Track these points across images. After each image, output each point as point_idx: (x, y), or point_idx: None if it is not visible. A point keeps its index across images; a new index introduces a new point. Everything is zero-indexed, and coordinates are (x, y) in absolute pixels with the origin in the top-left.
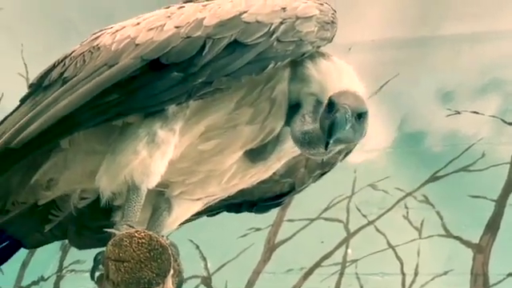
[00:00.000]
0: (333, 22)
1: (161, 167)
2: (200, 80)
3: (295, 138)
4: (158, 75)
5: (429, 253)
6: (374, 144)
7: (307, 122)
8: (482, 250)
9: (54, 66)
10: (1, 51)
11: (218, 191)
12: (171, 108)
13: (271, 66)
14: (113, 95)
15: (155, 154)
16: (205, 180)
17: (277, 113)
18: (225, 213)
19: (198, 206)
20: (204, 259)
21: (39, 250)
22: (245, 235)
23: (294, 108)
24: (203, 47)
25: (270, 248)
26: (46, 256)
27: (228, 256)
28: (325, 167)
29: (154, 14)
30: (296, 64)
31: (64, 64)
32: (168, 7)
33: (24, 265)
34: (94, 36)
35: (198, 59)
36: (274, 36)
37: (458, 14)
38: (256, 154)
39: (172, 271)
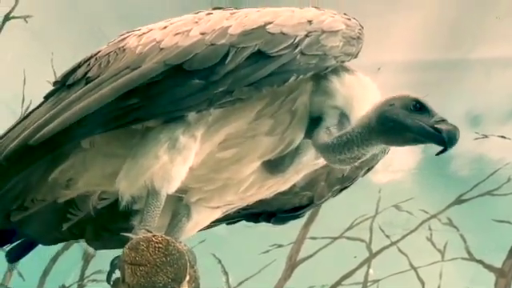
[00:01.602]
0: (359, 37)
1: (181, 173)
2: (221, 89)
3: (322, 147)
4: (179, 81)
5: (451, 275)
6: (399, 165)
7: (334, 134)
8: (504, 275)
9: (79, 66)
10: (31, 58)
11: (236, 200)
12: (192, 115)
13: (293, 78)
14: (133, 99)
15: (176, 159)
16: (222, 188)
17: (297, 125)
18: (247, 228)
19: (217, 214)
20: (226, 274)
21: (61, 258)
22: (267, 251)
23: (314, 121)
24: (226, 55)
25: (292, 265)
26: (68, 265)
27: (249, 272)
28: (345, 182)
29: (182, 19)
30: (319, 77)
31: (89, 64)
32: (197, 12)
33: (45, 272)
34: (122, 37)
35: (221, 67)
36: (298, 49)
37: (489, 38)
38: (274, 166)
39: (188, 277)
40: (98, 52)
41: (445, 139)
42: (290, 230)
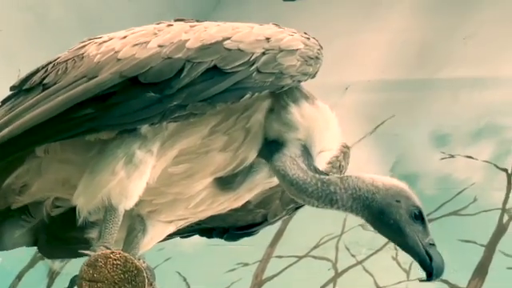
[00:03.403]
0: (317, 57)
1: (139, 188)
2: (175, 103)
3: (292, 181)
4: (134, 93)
5: None
6: None
7: (303, 169)
8: None
9: (37, 71)
10: None
11: (187, 215)
12: (146, 128)
13: (248, 96)
14: (88, 109)
15: (133, 174)
16: (173, 202)
17: (251, 143)
18: (213, 246)
19: (171, 229)
20: None
21: (26, 275)
22: (232, 270)
23: (273, 143)
24: (182, 70)
25: (258, 284)
26: (33, 282)
27: None
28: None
29: (143, 29)
30: (277, 99)
31: (46, 70)
32: (159, 23)
33: None
34: (82, 44)
35: (176, 81)
36: (254, 66)
37: (457, 58)
38: (226, 183)
39: None
40: (57, 58)
41: (433, 270)
42: (255, 249)
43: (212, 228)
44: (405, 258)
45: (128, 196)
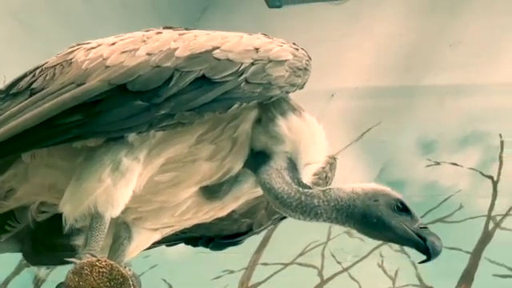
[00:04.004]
0: (306, 68)
1: (125, 196)
2: (163, 111)
3: (277, 195)
4: (122, 101)
5: None
6: None
7: (288, 183)
8: None
9: (24, 75)
10: None
11: (173, 223)
12: (134, 136)
13: (236, 106)
14: (76, 116)
15: (119, 182)
16: (158, 210)
17: (237, 153)
18: (199, 254)
19: (157, 236)
20: None
21: (11, 283)
22: (218, 277)
23: (260, 155)
24: (170, 79)
25: None
26: None
27: None
28: None
29: (132, 35)
30: (265, 110)
31: (34, 74)
32: (148, 30)
33: None
34: (71, 49)
35: (164, 90)
36: (243, 76)
37: (443, 65)
38: (212, 192)
39: None
40: (45, 63)
41: (429, 249)
42: (241, 256)
43: (198, 237)
44: (390, 265)
45: (114, 204)
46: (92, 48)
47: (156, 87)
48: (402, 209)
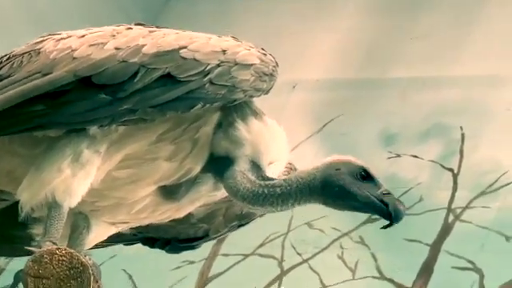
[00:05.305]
0: (272, 74)
1: (83, 187)
2: (126, 106)
3: (244, 194)
4: (86, 94)
5: None
6: None
7: (251, 181)
8: None
9: None
10: None
11: (129, 220)
12: (95, 129)
13: (199, 106)
14: (39, 105)
15: (78, 173)
16: (115, 206)
17: (197, 155)
18: None
19: (115, 230)
20: None
21: None
22: (178, 267)
23: (223, 160)
24: (136, 74)
25: (203, 281)
26: None
27: None
28: (243, 219)
29: (101, 29)
30: (226, 115)
31: (1, 62)
32: (119, 25)
33: None
34: (40, 39)
35: (128, 85)
36: (208, 77)
37: (404, 58)
38: (170, 192)
39: None
40: (13, 51)
41: (391, 214)
42: (201, 247)
43: (155, 238)
44: (350, 256)
45: (72, 194)
46: (62, 39)
47: (121, 82)
48: (366, 176)
